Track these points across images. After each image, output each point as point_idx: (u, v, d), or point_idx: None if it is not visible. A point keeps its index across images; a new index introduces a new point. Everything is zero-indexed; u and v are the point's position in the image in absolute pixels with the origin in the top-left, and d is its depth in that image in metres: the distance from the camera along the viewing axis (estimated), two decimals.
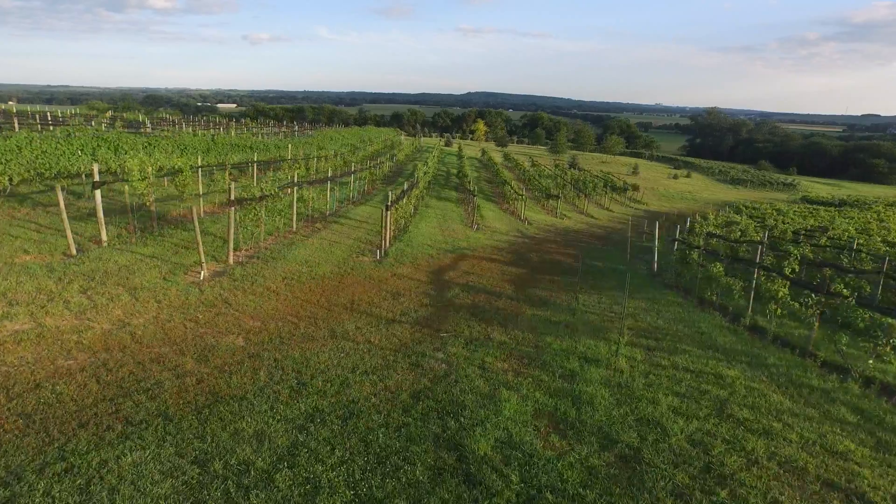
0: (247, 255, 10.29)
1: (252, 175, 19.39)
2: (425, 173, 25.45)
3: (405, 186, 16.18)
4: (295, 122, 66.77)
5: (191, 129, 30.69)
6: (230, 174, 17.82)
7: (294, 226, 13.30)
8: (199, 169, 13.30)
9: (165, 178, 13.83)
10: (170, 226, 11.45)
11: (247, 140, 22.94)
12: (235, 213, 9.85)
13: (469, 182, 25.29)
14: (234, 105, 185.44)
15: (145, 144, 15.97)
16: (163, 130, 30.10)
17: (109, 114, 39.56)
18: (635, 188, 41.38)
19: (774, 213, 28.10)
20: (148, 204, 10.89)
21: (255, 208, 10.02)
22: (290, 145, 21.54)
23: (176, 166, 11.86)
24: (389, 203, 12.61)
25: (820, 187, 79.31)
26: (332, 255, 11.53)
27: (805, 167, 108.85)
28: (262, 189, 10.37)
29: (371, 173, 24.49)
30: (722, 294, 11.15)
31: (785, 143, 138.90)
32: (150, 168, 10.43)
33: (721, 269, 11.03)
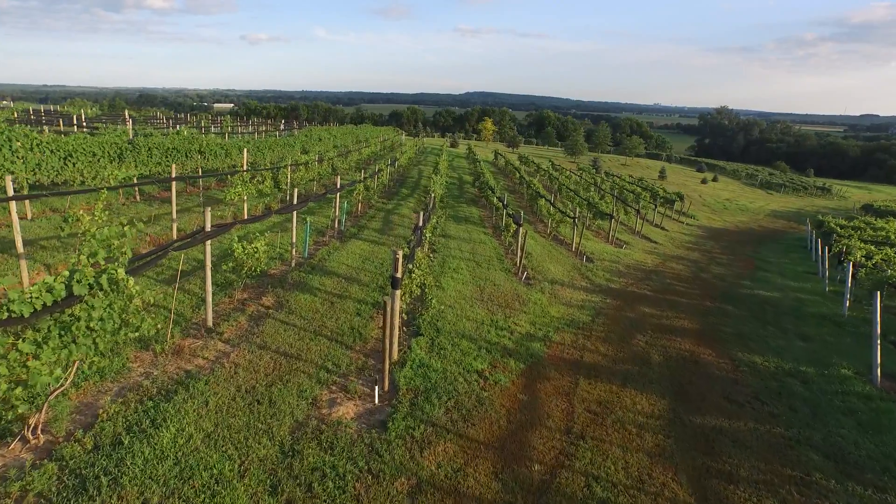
0: (18, 459, 3.77)
1: (198, 190, 12.87)
2: (440, 185, 18.93)
3: (419, 219, 9.60)
4: (283, 122, 59.85)
5: (131, 127, 24.05)
6: (146, 195, 11.23)
7: (208, 316, 6.70)
8: (27, 198, 6.64)
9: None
10: None
11: (194, 143, 16.33)
12: None
13: (497, 197, 18.76)
14: (231, 105, 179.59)
15: None
16: (97, 128, 23.52)
17: (20, 108, 32.41)
18: (680, 198, 34.94)
19: (893, 236, 21.73)
20: None
21: (14, 347, 3.45)
22: (245, 150, 14.76)
23: None
24: (398, 273, 6.06)
25: (852, 191, 73.27)
26: (272, 415, 4.98)
27: (823, 168, 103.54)
28: (70, 276, 3.79)
29: (366, 186, 17.98)
30: None
31: (800, 144, 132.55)
32: None
33: None
